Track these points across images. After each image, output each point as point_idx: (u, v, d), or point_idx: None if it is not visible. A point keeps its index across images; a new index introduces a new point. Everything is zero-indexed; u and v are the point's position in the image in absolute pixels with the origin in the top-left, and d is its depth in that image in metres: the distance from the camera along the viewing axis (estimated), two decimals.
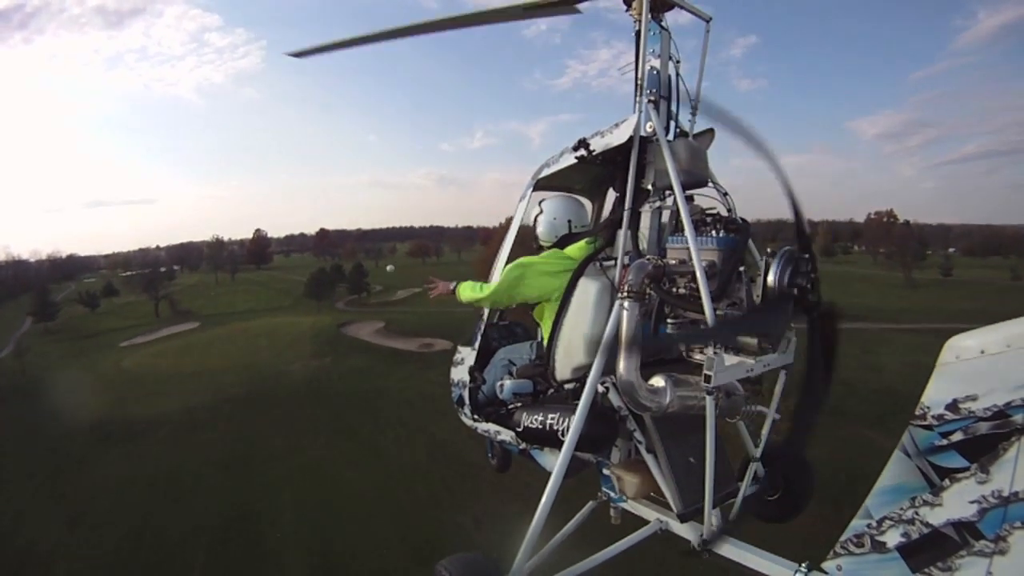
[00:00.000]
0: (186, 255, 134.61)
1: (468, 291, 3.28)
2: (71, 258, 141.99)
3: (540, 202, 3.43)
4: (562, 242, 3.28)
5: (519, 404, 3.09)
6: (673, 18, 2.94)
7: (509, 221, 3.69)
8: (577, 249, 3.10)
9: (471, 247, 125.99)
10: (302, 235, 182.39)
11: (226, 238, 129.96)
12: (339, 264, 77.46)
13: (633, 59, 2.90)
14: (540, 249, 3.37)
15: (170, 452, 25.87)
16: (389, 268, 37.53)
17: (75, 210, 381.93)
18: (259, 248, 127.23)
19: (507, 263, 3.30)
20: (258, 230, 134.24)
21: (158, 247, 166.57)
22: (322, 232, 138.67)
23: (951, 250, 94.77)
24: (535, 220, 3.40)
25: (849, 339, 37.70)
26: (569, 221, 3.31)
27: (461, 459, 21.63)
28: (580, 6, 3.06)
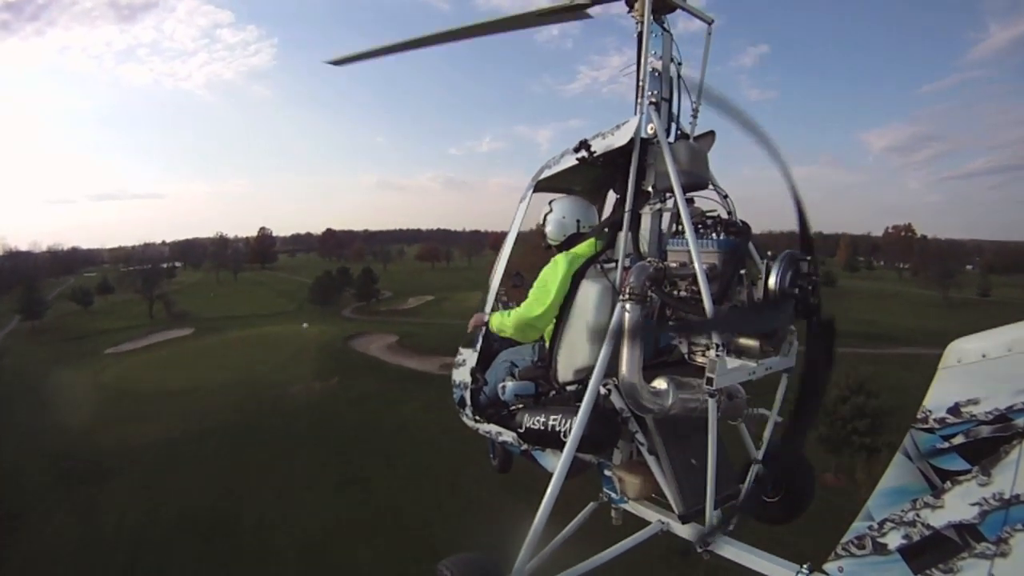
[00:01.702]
0: (190, 252, 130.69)
1: (498, 321, 3.22)
2: (73, 251, 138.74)
3: (550, 202, 3.37)
4: (570, 241, 3.20)
5: (521, 405, 3.08)
6: (685, 26, 2.99)
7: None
8: (586, 247, 3.04)
9: (481, 252, 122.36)
10: (308, 234, 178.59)
11: (232, 235, 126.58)
12: (346, 268, 72.68)
13: (635, 61, 2.87)
14: (549, 248, 3.33)
15: (139, 503, 21.09)
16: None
17: (83, 203, 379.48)
18: (263, 247, 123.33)
19: (507, 264, 3.51)
20: (263, 228, 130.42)
21: (164, 242, 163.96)
22: (328, 232, 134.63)
23: (968, 267, 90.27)
24: (544, 219, 3.34)
25: (906, 366, 33.03)
26: (577, 221, 3.26)
27: (507, 526, 16.66)
28: (590, 11, 3.07)
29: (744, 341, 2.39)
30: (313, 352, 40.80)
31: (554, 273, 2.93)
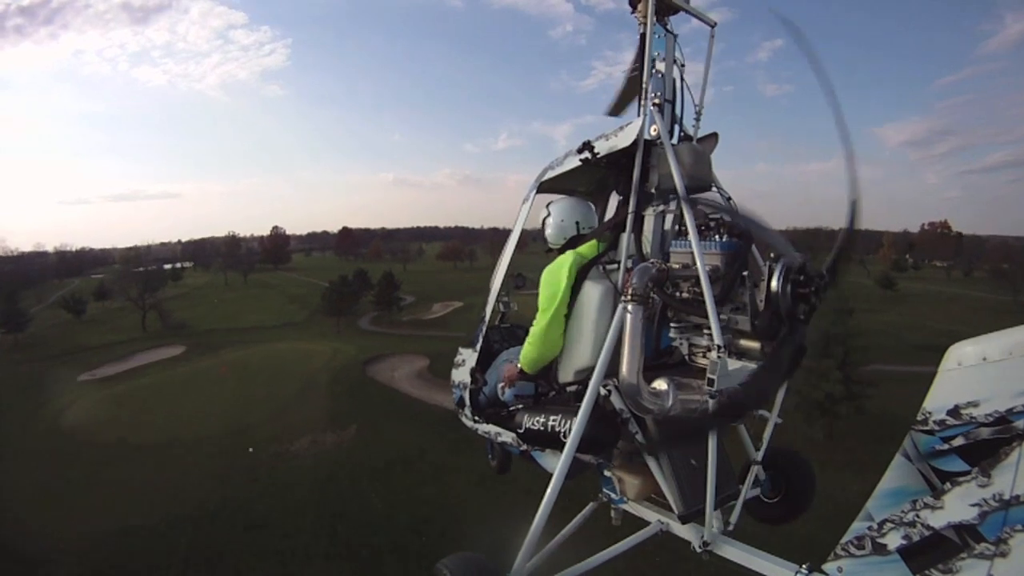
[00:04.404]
0: (200, 252, 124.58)
1: (525, 355, 2.98)
2: (82, 252, 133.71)
3: (547, 204, 3.33)
4: (571, 244, 3.15)
5: (520, 406, 3.08)
6: (701, 27, 2.97)
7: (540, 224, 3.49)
8: (588, 248, 2.99)
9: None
10: (325, 233, 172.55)
11: (248, 234, 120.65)
12: (363, 270, 64.43)
13: (638, 62, 2.83)
14: (550, 252, 3.27)
15: None
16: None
17: (99, 204, 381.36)
18: (276, 246, 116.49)
19: (510, 265, 3.45)
20: (276, 227, 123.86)
21: (179, 241, 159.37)
22: (345, 231, 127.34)
23: (1004, 266, 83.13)
24: (543, 223, 3.30)
25: None
26: (577, 223, 3.20)
27: None
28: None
29: (745, 343, 2.36)
30: (324, 384, 32.30)
31: (557, 275, 2.86)
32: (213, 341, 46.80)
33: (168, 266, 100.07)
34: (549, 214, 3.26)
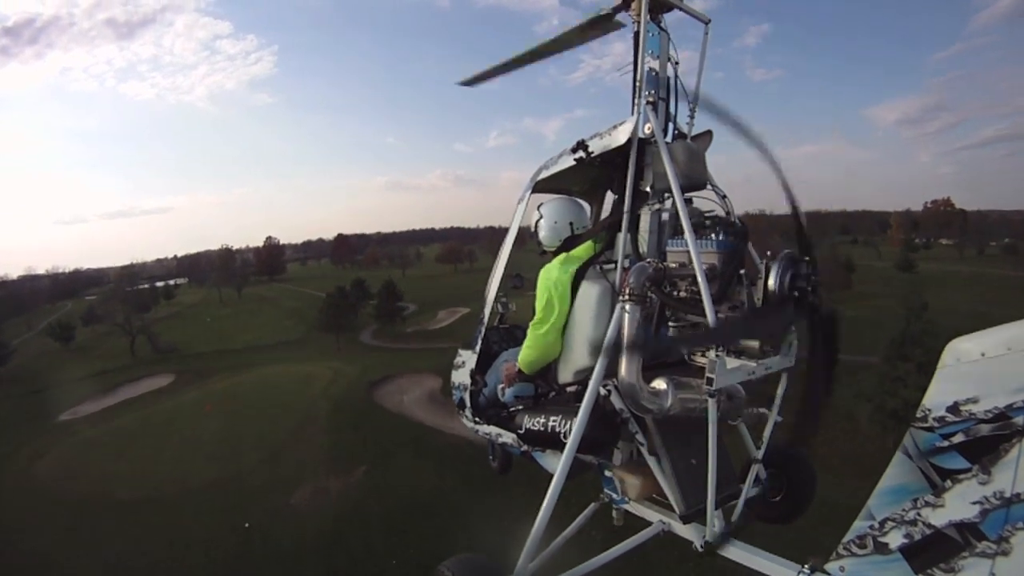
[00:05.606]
0: (195, 267, 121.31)
1: (524, 357, 3.00)
2: (76, 273, 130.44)
3: (539, 206, 3.29)
4: (565, 245, 3.12)
5: (520, 407, 3.07)
6: (692, 20, 2.97)
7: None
8: (584, 250, 3.00)
9: None
10: (320, 240, 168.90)
11: (244, 246, 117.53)
12: (362, 279, 61.08)
13: (632, 60, 2.84)
14: (544, 254, 3.26)
15: None
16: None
17: (95, 222, 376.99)
18: (271, 257, 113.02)
19: (506, 265, 3.43)
20: (269, 237, 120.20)
21: (175, 257, 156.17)
22: (340, 238, 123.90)
23: (1006, 240, 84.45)
24: (536, 225, 3.28)
25: None
26: (571, 223, 3.17)
27: None
28: (619, 17, 2.97)
29: (744, 341, 2.39)
30: (325, 415, 28.94)
31: (550, 280, 2.86)
32: (203, 367, 43.39)
33: (161, 283, 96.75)
34: (541, 216, 3.23)
